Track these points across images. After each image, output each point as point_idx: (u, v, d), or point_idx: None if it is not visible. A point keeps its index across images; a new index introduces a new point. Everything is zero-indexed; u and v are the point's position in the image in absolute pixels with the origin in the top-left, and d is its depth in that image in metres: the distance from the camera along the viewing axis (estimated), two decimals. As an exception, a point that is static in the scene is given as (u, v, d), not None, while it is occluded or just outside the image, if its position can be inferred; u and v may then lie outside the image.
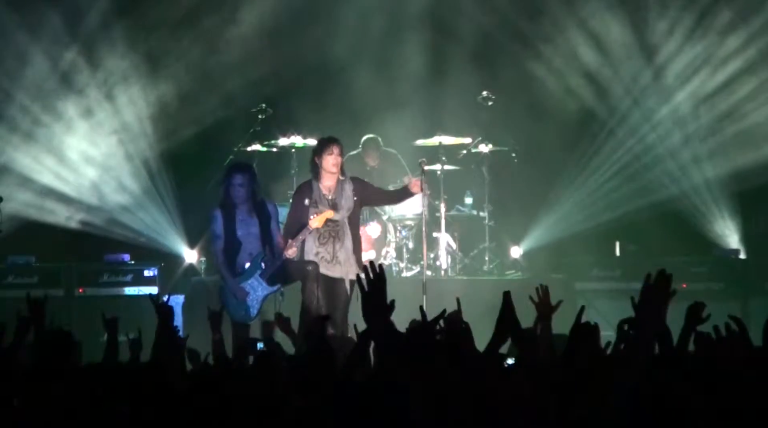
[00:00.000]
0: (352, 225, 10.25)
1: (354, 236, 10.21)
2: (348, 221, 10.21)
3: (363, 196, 10.31)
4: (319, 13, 14.71)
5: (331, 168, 10.15)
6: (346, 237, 10.15)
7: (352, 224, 10.26)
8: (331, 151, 10.15)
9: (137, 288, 13.13)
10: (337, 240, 10.13)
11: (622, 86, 14.90)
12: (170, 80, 14.46)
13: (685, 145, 14.82)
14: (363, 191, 10.32)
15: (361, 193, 10.29)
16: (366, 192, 10.37)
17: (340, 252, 10.12)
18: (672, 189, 14.76)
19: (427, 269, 13.06)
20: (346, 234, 10.16)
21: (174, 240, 14.12)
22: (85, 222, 14.23)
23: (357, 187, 10.29)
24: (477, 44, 14.76)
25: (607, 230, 14.43)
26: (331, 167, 10.14)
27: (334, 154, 10.15)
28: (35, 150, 14.23)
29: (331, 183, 10.22)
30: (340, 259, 10.11)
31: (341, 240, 10.13)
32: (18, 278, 13.19)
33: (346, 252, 10.13)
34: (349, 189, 10.22)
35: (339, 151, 10.19)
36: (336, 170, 10.19)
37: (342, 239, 10.13)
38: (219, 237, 10.16)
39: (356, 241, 10.22)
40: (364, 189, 10.36)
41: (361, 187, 10.35)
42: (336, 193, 10.19)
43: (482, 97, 13.60)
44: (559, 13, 14.81)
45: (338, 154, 10.17)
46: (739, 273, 13.75)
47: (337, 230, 10.14)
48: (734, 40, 14.59)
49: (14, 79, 14.22)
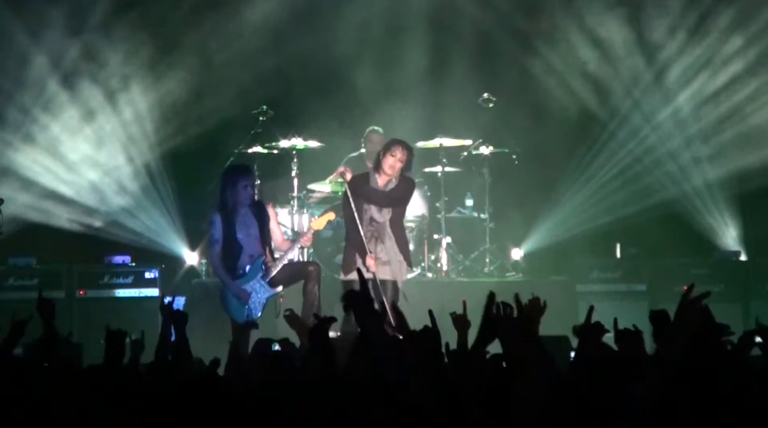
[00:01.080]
0: (394, 225, 10.14)
1: (397, 237, 10.11)
2: (390, 222, 10.12)
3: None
4: (320, 16, 14.72)
5: (387, 169, 10.04)
6: (387, 237, 10.06)
7: (395, 224, 10.14)
8: (394, 152, 10.05)
9: (138, 290, 13.13)
10: (379, 241, 10.05)
11: (623, 88, 14.90)
12: (171, 82, 14.46)
13: (685, 146, 14.82)
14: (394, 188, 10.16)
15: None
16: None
17: (382, 253, 10.04)
18: (672, 191, 14.76)
19: (428, 271, 13.09)
20: (387, 234, 10.06)
21: (175, 242, 14.12)
22: (85, 224, 14.23)
23: (399, 183, 10.15)
24: (478, 46, 14.77)
25: (608, 232, 14.43)
26: (387, 169, 10.04)
27: (396, 156, 10.03)
28: (36, 152, 14.23)
29: (382, 182, 10.14)
30: (383, 260, 10.02)
31: (382, 240, 10.05)
32: (18, 280, 13.19)
33: (388, 253, 10.04)
34: (392, 186, 10.13)
35: (402, 156, 10.03)
36: (391, 173, 10.06)
37: (383, 239, 10.05)
38: (217, 242, 10.09)
39: (400, 241, 10.11)
40: (396, 187, 10.17)
41: (399, 184, 10.16)
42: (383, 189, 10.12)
43: (483, 98, 13.60)
44: (560, 14, 14.82)
45: (400, 159, 10.02)
46: (739, 275, 13.74)
47: (379, 230, 10.07)
48: (735, 41, 14.59)
49: (15, 81, 14.22)
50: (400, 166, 10.05)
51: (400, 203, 10.23)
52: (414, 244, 13.12)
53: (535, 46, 14.83)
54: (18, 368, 5.23)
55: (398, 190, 10.16)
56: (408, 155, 10.08)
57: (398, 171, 10.05)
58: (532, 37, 14.84)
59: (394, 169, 10.02)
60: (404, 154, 10.04)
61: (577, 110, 14.84)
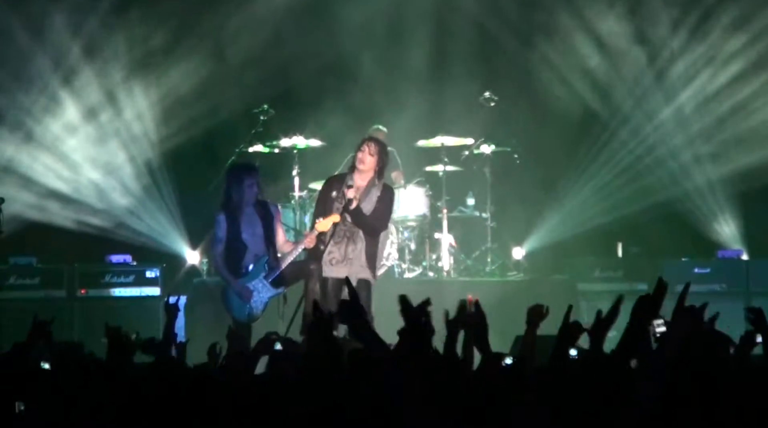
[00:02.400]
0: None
1: (367, 242, 9.95)
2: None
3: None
4: (321, 15, 14.71)
5: (357, 164, 9.91)
6: (359, 239, 9.94)
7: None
8: (363, 147, 9.95)
9: (139, 289, 13.13)
10: (351, 242, 9.95)
11: (624, 87, 14.90)
12: (172, 81, 14.46)
13: (687, 145, 14.81)
14: (378, 201, 9.99)
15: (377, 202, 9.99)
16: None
17: (352, 253, 9.94)
18: (674, 190, 14.76)
19: (429, 270, 13.08)
20: (359, 237, 9.94)
21: (176, 241, 14.12)
22: (87, 224, 14.23)
23: (382, 195, 9.99)
24: (479, 45, 14.76)
25: (610, 231, 14.42)
26: (358, 163, 9.91)
27: (365, 151, 9.91)
28: (37, 151, 14.23)
29: (362, 183, 9.99)
30: (349, 257, 9.92)
31: (355, 242, 9.94)
32: (20, 279, 13.19)
33: (357, 253, 9.93)
34: (376, 194, 9.96)
35: (372, 149, 9.90)
36: (363, 168, 9.90)
37: (356, 241, 9.94)
38: (220, 241, 10.07)
39: (369, 248, 9.95)
40: (378, 201, 9.99)
41: (382, 196, 10.01)
42: (363, 194, 9.95)
43: (484, 97, 13.59)
44: (562, 13, 14.81)
45: (370, 152, 9.89)
46: (741, 274, 13.73)
47: (353, 231, 9.95)
48: (737, 40, 14.58)
49: (16, 80, 14.22)
50: (372, 161, 9.88)
51: (381, 230, 10.03)
52: (415, 244, 13.12)
53: (536, 45, 14.83)
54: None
55: (380, 212, 9.95)
56: (378, 147, 9.92)
57: (371, 166, 9.88)
58: (534, 36, 14.84)
59: (364, 163, 9.87)
60: (373, 147, 9.89)
61: (578, 109, 14.83)
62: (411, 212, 13.01)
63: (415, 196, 13.04)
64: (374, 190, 9.95)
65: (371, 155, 9.90)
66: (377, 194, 9.95)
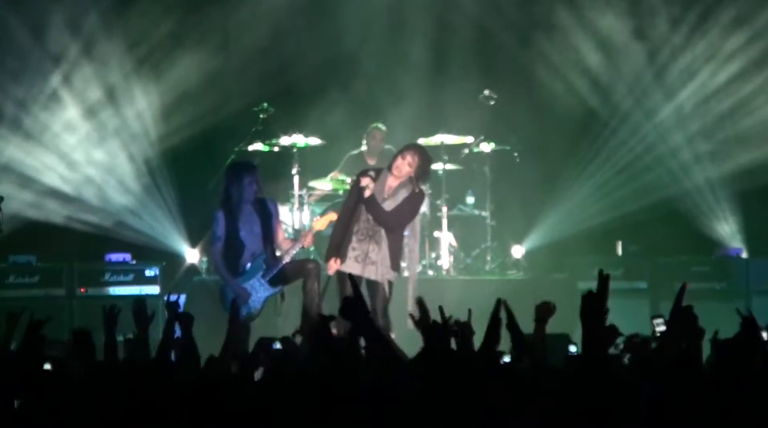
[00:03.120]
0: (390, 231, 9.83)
1: (391, 242, 9.78)
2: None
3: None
4: (321, 12, 14.70)
5: (393, 169, 9.77)
6: (382, 239, 9.77)
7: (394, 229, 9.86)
8: (405, 155, 9.79)
9: (139, 287, 13.12)
10: (372, 241, 9.78)
11: (624, 85, 14.89)
12: (171, 79, 14.45)
13: (687, 143, 14.80)
14: (402, 202, 9.85)
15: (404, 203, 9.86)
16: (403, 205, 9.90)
17: (373, 253, 9.76)
18: (674, 188, 14.75)
19: (429, 269, 13.08)
20: (382, 237, 9.76)
21: (175, 239, 14.11)
22: (86, 222, 14.22)
23: (410, 197, 9.84)
24: (479, 42, 14.76)
25: (609, 229, 14.41)
26: (394, 169, 9.77)
27: (406, 159, 9.75)
28: (36, 149, 14.22)
29: (394, 183, 9.84)
30: (372, 260, 9.75)
31: (377, 241, 9.77)
32: (19, 278, 13.18)
33: (381, 254, 9.76)
34: (404, 195, 9.80)
35: (411, 160, 9.72)
36: (396, 173, 9.76)
37: (378, 241, 9.76)
38: (219, 239, 10.05)
39: (393, 248, 9.79)
40: (405, 201, 9.85)
41: (409, 198, 9.85)
42: (392, 191, 9.82)
43: (484, 95, 13.58)
44: (561, 11, 14.80)
45: (409, 163, 9.72)
46: (741, 272, 13.72)
47: (375, 230, 9.79)
48: (737, 38, 14.58)
49: (15, 78, 14.21)
50: (408, 171, 9.76)
51: (396, 228, 9.89)
52: (415, 243, 13.11)
53: (536, 43, 14.82)
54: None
55: (402, 211, 9.83)
56: (419, 160, 9.76)
57: (406, 174, 9.78)
58: (534, 34, 14.83)
59: (399, 171, 9.76)
60: (414, 159, 9.75)
61: (578, 107, 14.82)
62: (410, 211, 12.98)
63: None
64: (404, 190, 9.82)
65: (409, 166, 9.77)
66: (405, 195, 9.82)
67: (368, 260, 9.79)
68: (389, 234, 9.83)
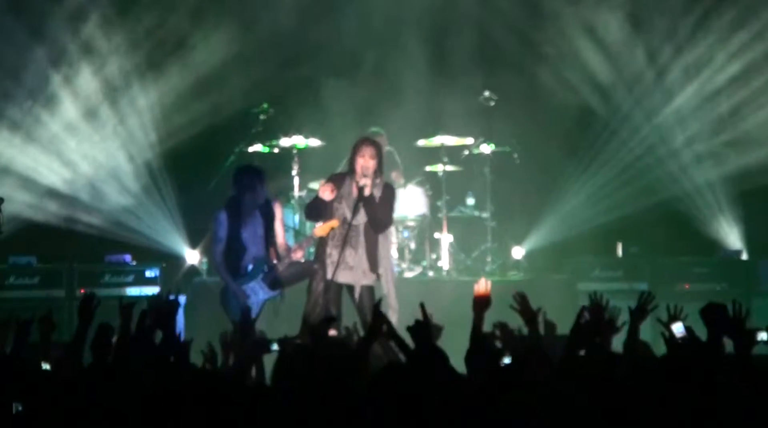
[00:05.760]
0: (368, 232, 9.69)
1: (369, 244, 9.69)
2: (365, 227, 9.69)
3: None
4: (321, 14, 14.70)
5: (361, 171, 9.57)
6: (359, 243, 9.68)
7: (369, 231, 9.69)
8: (362, 152, 9.65)
9: (139, 288, 13.12)
10: (348, 246, 9.66)
11: (624, 86, 14.89)
12: (171, 80, 14.45)
13: (687, 145, 14.81)
14: (380, 201, 9.73)
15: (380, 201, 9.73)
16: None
17: (350, 257, 9.67)
18: (674, 189, 14.75)
19: (429, 270, 13.08)
20: (360, 240, 9.68)
21: (175, 240, 14.11)
22: (86, 223, 14.22)
23: (384, 194, 9.74)
24: (479, 44, 14.75)
25: (609, 231, 14.41)
26: (361, 171, 9.57)
27: (366, 156, 9.61)
28: (36, 151, 14.22)
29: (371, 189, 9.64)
30: (349, 264, 9.68)
31: (353, 245, 9.67)
32: (19, 279, 13.18)
33: (358, 259, 9.66)
34: (377, 194, 9.69)
35: (372, 153, 9.60)
36: (368, 174, 9.56)
37: (354, 245, 9.66)
38: (221, 241, 10.04)
39: (371, 248, 9.70)
40: (381, 200, 9.74)
41: (384, 196, 9.76)
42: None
43: (484, 97, 13.59)
44: (561, 13, 14.80)
45: (371, 156, 9.57)
46: (741, 273, 13.73)
47: (352, 235, 9.65)
48: (738, 40, 14.58)
49: (15, 79, 14.21)
50: (374, 164, 9.59)
51: (388, 226, 9.78)
52: (415, 243, 13.12)
53: (536, 45, 14.82)
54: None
55: (387, 210, 9.74)
56: (374, 149, 9.63)
57: (373, 168, 9.58)
58: (534, 36, 14.83)
59: (369, 170, 9.59)
60: (371, 149, 9.61)
61: (578, 108, 14.82)
62: (411, 212, 13.01)
63: (415, 196, 13.04)
64: (375, 190, 9.71)
65: (372, 158, 9.62)
66: (378, 194, 9.73)
67: (345, 264, 9.67)
68: (367, 237, 9.71)
